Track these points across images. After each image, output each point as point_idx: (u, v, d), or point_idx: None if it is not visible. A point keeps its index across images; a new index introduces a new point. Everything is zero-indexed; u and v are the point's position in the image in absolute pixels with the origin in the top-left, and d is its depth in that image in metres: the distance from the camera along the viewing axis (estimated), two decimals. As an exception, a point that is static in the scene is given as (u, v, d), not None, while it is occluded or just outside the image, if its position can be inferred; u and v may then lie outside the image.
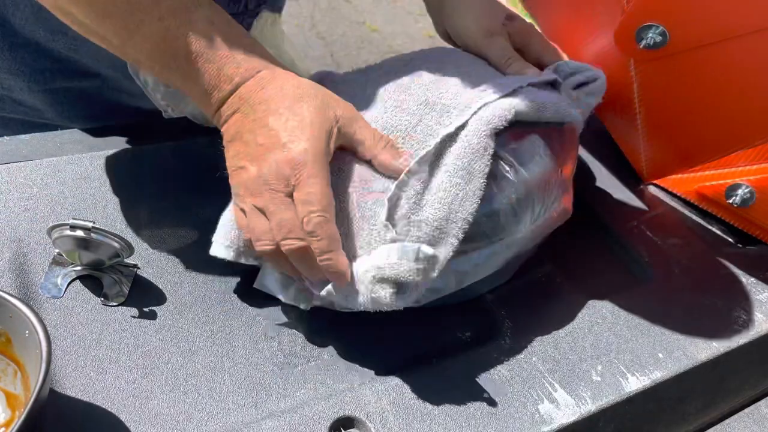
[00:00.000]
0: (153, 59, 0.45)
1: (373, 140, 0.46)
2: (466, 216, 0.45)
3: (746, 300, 0.58)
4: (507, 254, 0.50)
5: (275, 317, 0.50)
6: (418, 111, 0.49)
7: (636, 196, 0.68)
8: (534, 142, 0.50)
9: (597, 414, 0.47)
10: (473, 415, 0.45)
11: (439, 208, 0.45)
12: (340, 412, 0.44)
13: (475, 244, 0.48)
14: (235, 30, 0.46)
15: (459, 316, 0.52)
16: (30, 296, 0.47)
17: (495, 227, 0.48)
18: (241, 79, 0.45)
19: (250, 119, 0.45)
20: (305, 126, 0.44)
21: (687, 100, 0.60)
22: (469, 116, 0.47)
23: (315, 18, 2.92)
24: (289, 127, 0.43)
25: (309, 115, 0.44)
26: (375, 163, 0.46)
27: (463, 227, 0.45)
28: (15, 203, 0.52)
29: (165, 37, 0.44)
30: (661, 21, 0.55)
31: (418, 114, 0.48)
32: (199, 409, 0.43)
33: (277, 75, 0.46)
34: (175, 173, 0.58)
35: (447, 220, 0.45)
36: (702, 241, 0.64)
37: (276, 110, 0.44)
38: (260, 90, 0.45)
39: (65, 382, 0.43)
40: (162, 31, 0.44)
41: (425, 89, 0.50)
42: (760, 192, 0.63)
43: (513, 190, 0.48)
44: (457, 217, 0.45)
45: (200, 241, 0.53)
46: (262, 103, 0.44)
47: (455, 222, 0.45)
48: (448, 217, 0.45)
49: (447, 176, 0.45)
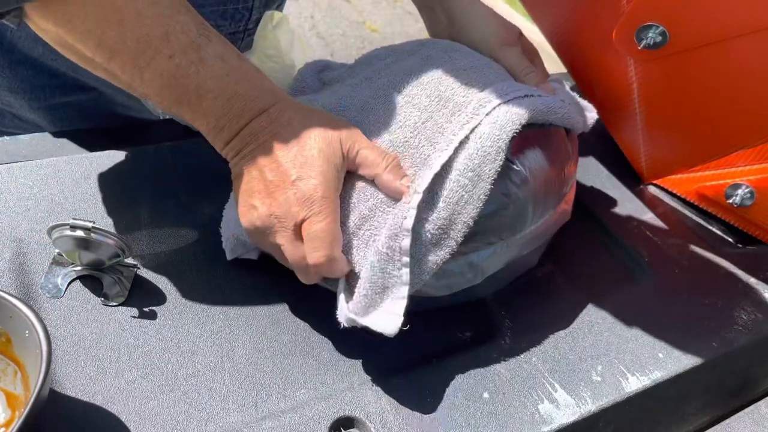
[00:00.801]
0: (162, 96, 0.45)
1: (377, 160, 0.46)
2: (467, 220, 0.45)
3: (746, 300, 0.58)
4: (506, 256, 0.50)
5: (275, 317, 0.50)
6: (429, 106, 0.48)
7: (636, 196, 0.68)
8: (540, 145, 0.50)
9: (597, 414, 0.47)
10: (473, 415, 0.45)
11: (443, 208, 0.44)
12: (340, 412, 0.44)
13: (475, 245, 0.48)
14: (245, 66, 0.46)
15: (459, 316, 0.52)
16: (30, 296, 0.47)
17: (495, 228, 0.48)
18: (251, 116, 0.45)
19: (260, 155, 0.45)
20: (314, 161, 0.44)
21: (687, 100, 0.60)
22: (482, 117, 0.47)
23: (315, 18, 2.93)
24: (299, 163, 0.44)
25: (318, 150, 0.44)
26: (378, 183, 0.46)
27: (464, 231, 0.45)
28: (15, 203, 0.52)
29: (175, 75, 0.43)
30: (661, 21, 0.55)
31: (429, 110, 0.48)
32: (199, 409, 0.43)
33: (285, 108, 0.46)
34: (175, 173, 0.58)
35: (450, 220, 0.45)
36: (702, 241, 0.64)
37: (285, 146, 0.44)
38: (269, 125, 0.45)
39: (65, 382, 0.43)
40: (172, 69, 0.43)
41: (437, 83, 0.49)
42: (760, 192, 0.63)
43: (516, 191, 0.48)
44: (459, 220, 0.45)
45: (200, 241, 0.53)
46: (270, 140, 0.45)
47: (456, 224, 0.45)
48: (451, 217, 0.44)
49: (456, 174, 0.45)
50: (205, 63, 0.44)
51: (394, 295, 0.44)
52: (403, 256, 0.44)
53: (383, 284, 0.44)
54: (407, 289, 0.44)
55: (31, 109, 0.67)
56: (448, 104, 0.48)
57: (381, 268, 0.44)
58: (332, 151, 0.45)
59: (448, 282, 0.49)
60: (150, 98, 0.46)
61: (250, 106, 0.45)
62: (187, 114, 0.46)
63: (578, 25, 0.67)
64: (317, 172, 0.44)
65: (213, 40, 0.45)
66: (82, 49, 0.44)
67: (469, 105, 0.48)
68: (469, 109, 0.47)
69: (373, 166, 0.46)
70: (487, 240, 0.48)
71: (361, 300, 0.44)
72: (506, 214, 0.48)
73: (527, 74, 0.56)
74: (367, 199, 0.46)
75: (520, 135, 0.47)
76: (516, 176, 0.48)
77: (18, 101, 0.67)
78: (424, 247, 0.45)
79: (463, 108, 0.48)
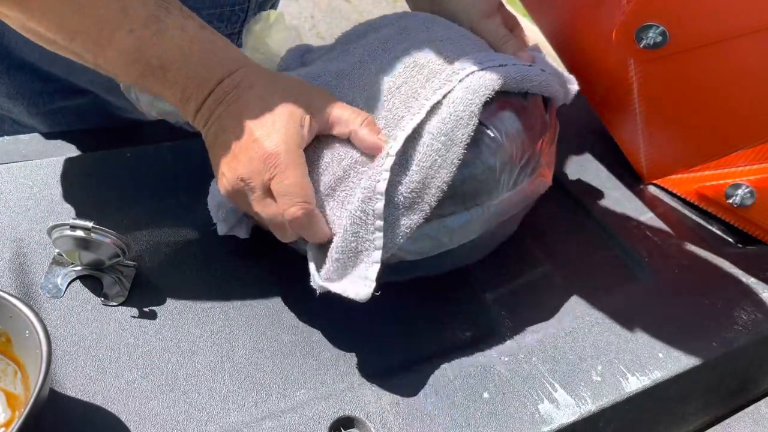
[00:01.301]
0: (128, 72, 0.45)
1: (352, 116, 0.46)
2: (440, 184, 0.44)
3: (746, 300, 0.58)
4: (482, 223, 0.50)
5: (275, 317, 0.50)
6: (404, 73, 0.48)
7: (636, 196, 0.68)
8: (515, 111, 0.50)
9: (597, 414, 0.47)
10: (473, 415, 0.45)
11: (416, 171, 0.44)
12: (340, 412, 0.44)
13: (451, 209, 0.47)
14: (207, 34, 0.46)
15: (459, 316, 0.52)
16: (30, 296, 0.47)
17: (469, 193, 0.48)
18: (215, 83, 0.45)
19: (225, 120, 0.44)
20: (276, 118, 0.43)
21: (687, 100, 0.60)
22: (456, 83, 0.46)
23: (315, 18, 2.92)
24: (261, 123, 0.43)
25: (280, 107, 0.44)
26: (354, 140, 0.46)
27: (437, 195, 0.45)
28: (15, 203, 0.52)
29: (138, 49, 0.43)
30: (661, 21, 0.55)
31: (404, 76, 0.48)
32: (199, 409, 0.43)
33: (249, 73, 0.46)
34: (175, 173, 0.59)
35: (423, 184, 0.44)
36: (702, 241, 0.64)
37: (248, 107, 0.44)
38: (233, 89, 0.45)
39: (65, 382, 0.43)
40: (134, 43, 0.43)
41: (413, 52, 0.49)
42: (760, 192, 0.63)
43: (491, 156, 0.48)
44: (432, 184, 0.44)
45: (200, 241, 0.53)
46: (235, 103, 0.44)
47: (430, 188, 0.44)
48: (424, 181, 0.44)
49: (429, 138, 0.45)
50: (166, 34, 0.44)
51: (368, 259, 0.44)
52: (377, 220, 0.43)
53: (356, 248, 0.44)
54: (381, 254, 0.44)
55: (30, 115, 0.67)
56: (423, 71, 0.48)
57: (354, 232, 0.44)
58: (296, 108, 0.44)
59: (422, 246, 0.48)
60: (119, 76, 0.46)
61: (213, 73, 0.45)
62: (155, 87, 0.46)
63: (578, 25, 0.67)
64: (280, 127, 0.43)
65: (172, 11, 0.45)
66: (44, 32, 0.44)
67: (443, 72, 0.48)
68: (443, 76, 0.47)
69: (348, 122, 0.45)
70: (461, 205, 0.48)
71: (333, 265, 0.44)
72: (480, 179, 0.47)
73: (505, 42, 0.56)
74: (341, 159, 0.46)
75: (495, 101, 0.47)
76: (490, 141, 0.48)
77: (17, 107, 0.67)
78: (397, 211, 0.44)
79: (437, 74, 0.48)
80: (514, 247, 0.59)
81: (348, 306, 0.51)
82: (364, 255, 0.44)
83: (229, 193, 0.45)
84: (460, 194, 0.47)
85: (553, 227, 0.63)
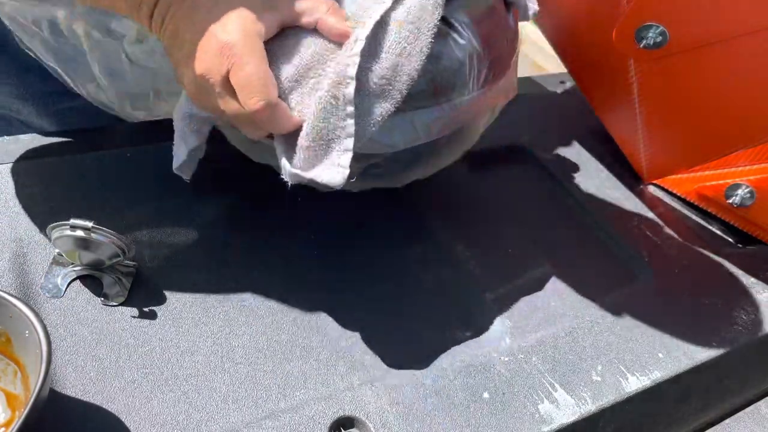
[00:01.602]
0: None
1: (315, 5, 0.44)
2: (410, 71, 0.44)
3: (746, 300, 0.58)
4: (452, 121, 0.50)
5: (275, 317, 0.50)
6: None
7: (636, 196, 0.68)
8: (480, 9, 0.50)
9: (597, 414, 0.47)
10: (473, 415, 0.45)
11: (386, 58, 0.44)
12: (340, 412, 0.44)
13: (423, 102, 0.47)
14: None
15: (459, 316, 0.52)
16: (30, 296, 0.47)
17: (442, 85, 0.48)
18: None
19: (178, 20, 0.43)
20: (230, 9, 0.41)
21: (687, 100, 0.60)
22: None
23: (315, 18, 2.92)
24: (214, 16, 0.41)
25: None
26: (321, 28, 0.44)
27: (408, 82, 0.44)
28: (15, 203, 0.52)
29: None
30: (661, 21, 0.55)
31: None
32: (199, 409, 0.43)
33: None
34: (175, 173, 0.58)
35: (393, 71, 0.44)
36: (702, 241, 0.64)
37: (201, 2, 0.42)
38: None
39: (65, 382, 0.43)
40: None
41: None
42: (760, 192, 0.63)
43: (459, 50, 0.48)
44: (402, 71, 0.44)
45: (200, 241, 0.53)
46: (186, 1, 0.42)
47: (400, 76, 0.44)
48: (394, 68, 0.44)
49: (396, 26, 0.44)
50: None
51: (339, 147, 0.43)
52: (348, 106, 0.43)
53: (327, 136, 0.43)
54: (353, 141, 0.43)
55: (39, 115, 0.67)
56: None
57: (324, 118, 0.43)
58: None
59: (396, 139, 0.48)
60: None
61: None
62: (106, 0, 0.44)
63: (578, 26, 0.67)
64: (235, 18, 0.41)
65: None
66: None
67: None
68: None
69: (313, 11, 0.44)
70: (433, 99, 0.48)
71: (303, 154, 0.43)
72: (449, 71, 0.48)
73: None
74: (308, 46, 0.44)
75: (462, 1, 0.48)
76: (458, 36, 0.48)
77: (26, 108, 0.66)
78: (368, 99, 0.44)
79: None
80: (514, 247, 0.59)
81: (348, 306, 0.51)
82: (336, 143, 0.43)
83: (194, 95, 0.44)
84: (431, 88, 0.47)
85: (553, 227, 0.63)
